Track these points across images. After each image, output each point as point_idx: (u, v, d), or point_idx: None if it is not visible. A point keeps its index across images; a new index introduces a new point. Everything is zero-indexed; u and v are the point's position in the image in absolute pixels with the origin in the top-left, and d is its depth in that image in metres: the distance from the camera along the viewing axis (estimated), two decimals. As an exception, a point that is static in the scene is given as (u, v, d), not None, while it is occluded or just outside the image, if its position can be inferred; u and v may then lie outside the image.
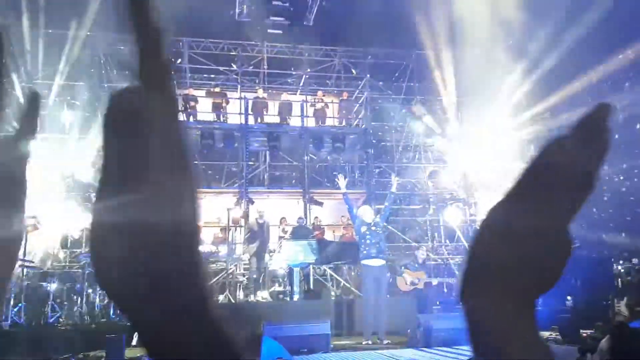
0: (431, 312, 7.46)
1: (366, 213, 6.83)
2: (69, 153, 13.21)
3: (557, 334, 6.14)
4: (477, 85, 14.14)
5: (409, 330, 6.14)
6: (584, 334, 6.05)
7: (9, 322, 8.14)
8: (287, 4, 13.29)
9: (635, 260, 9.48)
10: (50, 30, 13.28)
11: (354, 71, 15.62)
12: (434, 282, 8.16)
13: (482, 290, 0.39)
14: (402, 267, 8.25)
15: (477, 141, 14.18)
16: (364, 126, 14.67)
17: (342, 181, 7.16)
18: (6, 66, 0.44)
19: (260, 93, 14.45)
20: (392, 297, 8.83)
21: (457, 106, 14.88)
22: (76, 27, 13.24)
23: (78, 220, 12.70)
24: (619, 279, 8.32)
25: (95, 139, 13.46)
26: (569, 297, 8.18)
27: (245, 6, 13.37)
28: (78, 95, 13.67)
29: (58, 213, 12.40)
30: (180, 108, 13.73)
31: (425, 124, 14.71)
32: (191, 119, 13.97)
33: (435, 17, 13.82)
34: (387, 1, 13.37)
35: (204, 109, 14.11)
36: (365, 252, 6.55)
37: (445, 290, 8.51)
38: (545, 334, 6.46)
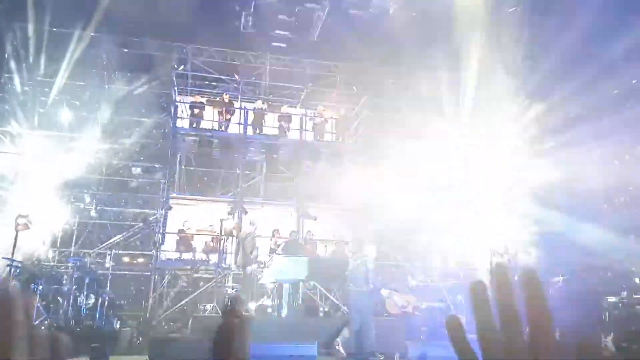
0: (419, 337, 7.45)
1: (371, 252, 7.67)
2: (65, 151, 13.17)
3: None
4: (479, 105, 14.28)
5: (396, 355, 6.12)
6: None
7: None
8: (293, 19, 13.39)
9: (624, 294, 9.54)
10: (54, 29, 13.30)
11: (354, 87, 15.72)
12: (423, 306, 8.16)
13: None
14: (392, 290, 8.26)
15: (478, 161, 14.28)
16: (362, 142, 14.74)
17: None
18: None
19: (260, 104, 14.51)
20: (380, 318, 8.82)
21: (457, 126, 14.97)
22: (81, 27, 13.28)
23: (68, 219, 12.65)
24: (607, 313, 8.36)
25: (91, 139, 13.46)
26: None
27: (250, 18, 13.46)
28: (78, 94, 13.65)
29: (49, 211, 12.33)
30: (186, 115, 13.82)
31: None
32: (194, 125, 14.03)
33: (437, 37, 13.97)
34: (390, 21, 13.54)
35: (203, 116, 14.15)
36: (352, 284, 7.41)
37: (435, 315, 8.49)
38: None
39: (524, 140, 13.72)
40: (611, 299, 9.23)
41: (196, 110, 14.05)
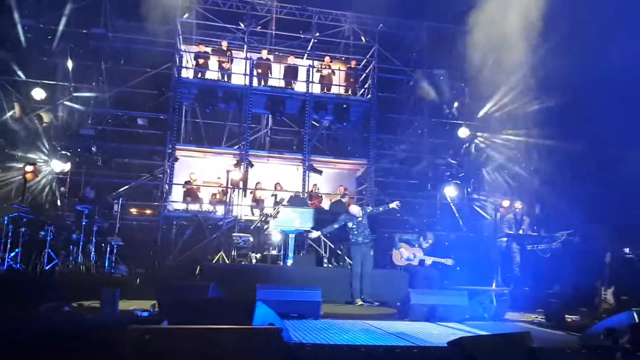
0: (422, 287, 7.58)
1: (355, 211, 8.12)
2: (70, 101, 13.08)
3: (542, 317, 6.22)
4: (488, 60, 13.88)
5: (398, 303, 6.23)
6: (569, 319, 6.16)
7: (5, 266, 8.26)
8: (301, -36, 12.89)
9: (627, 250, 9.57)
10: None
11: (363, 38, 15.30)
12: (428, 261, 8.25)
13: None
14: (400, 242, 8.36)
15: (483, 116, 14.09)
16: (369, 96, 14.50)
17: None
18: None
19: (265, 54, 14.22)
20: (386, 269, 8.96)
21: (466, 80, 14.67)
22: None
23: (75, 169, 12.72)
24: (609, 267, 8.41)
25: (95, 88, 13.31)
26: None
27: (257, -37, 12.96)
28: (82, 43, 13.37)
29: (56, 160, 12.38)
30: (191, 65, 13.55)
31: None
32: (199, 75, 13.82)
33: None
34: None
35: (208, 66, 13.91)
36: (354, 240, 8.04)
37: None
38: (531, 316, 6.58)
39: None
40: (614, 254, 9.27)
41: (201, 60, 13.81)
